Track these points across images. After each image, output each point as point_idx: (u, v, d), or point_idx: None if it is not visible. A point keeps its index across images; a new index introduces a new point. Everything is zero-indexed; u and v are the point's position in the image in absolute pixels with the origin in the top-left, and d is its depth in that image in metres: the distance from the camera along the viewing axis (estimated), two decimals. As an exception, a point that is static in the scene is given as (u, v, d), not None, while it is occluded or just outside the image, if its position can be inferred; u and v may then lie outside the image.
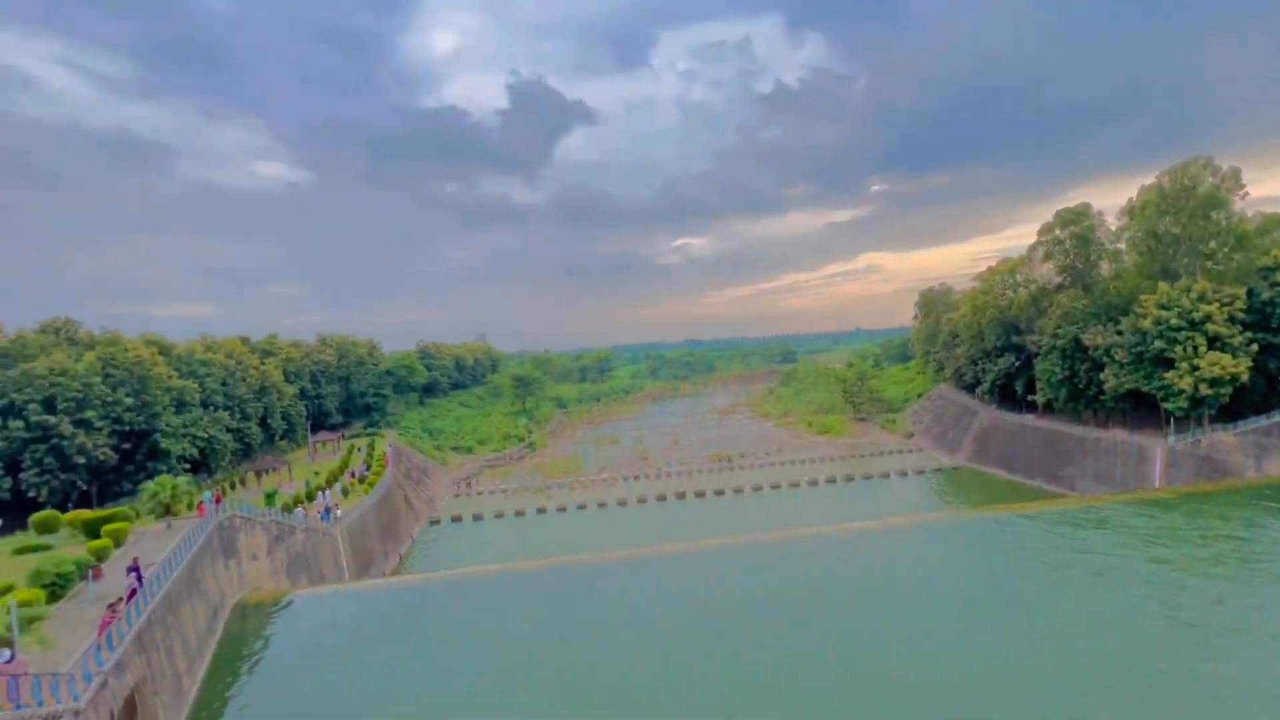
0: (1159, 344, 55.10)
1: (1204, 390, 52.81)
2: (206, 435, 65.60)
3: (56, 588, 25.08)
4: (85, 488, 55.24)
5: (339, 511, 49.93)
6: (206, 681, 26.96)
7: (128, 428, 57.55)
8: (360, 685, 25.70)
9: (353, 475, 64.99)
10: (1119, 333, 59.19)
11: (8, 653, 16.94)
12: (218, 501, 36.51)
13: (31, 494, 51.51)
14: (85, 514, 35.85)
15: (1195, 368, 53.13)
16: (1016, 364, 77.13)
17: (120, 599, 23.23)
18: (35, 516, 36.95)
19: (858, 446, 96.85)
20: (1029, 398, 75.85)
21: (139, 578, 24.94)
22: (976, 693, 22.79)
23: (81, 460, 53.52)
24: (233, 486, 59.56)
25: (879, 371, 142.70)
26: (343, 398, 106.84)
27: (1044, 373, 68.26)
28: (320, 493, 53.74)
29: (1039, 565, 34.56)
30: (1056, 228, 69.90)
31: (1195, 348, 53.50)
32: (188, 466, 61.92)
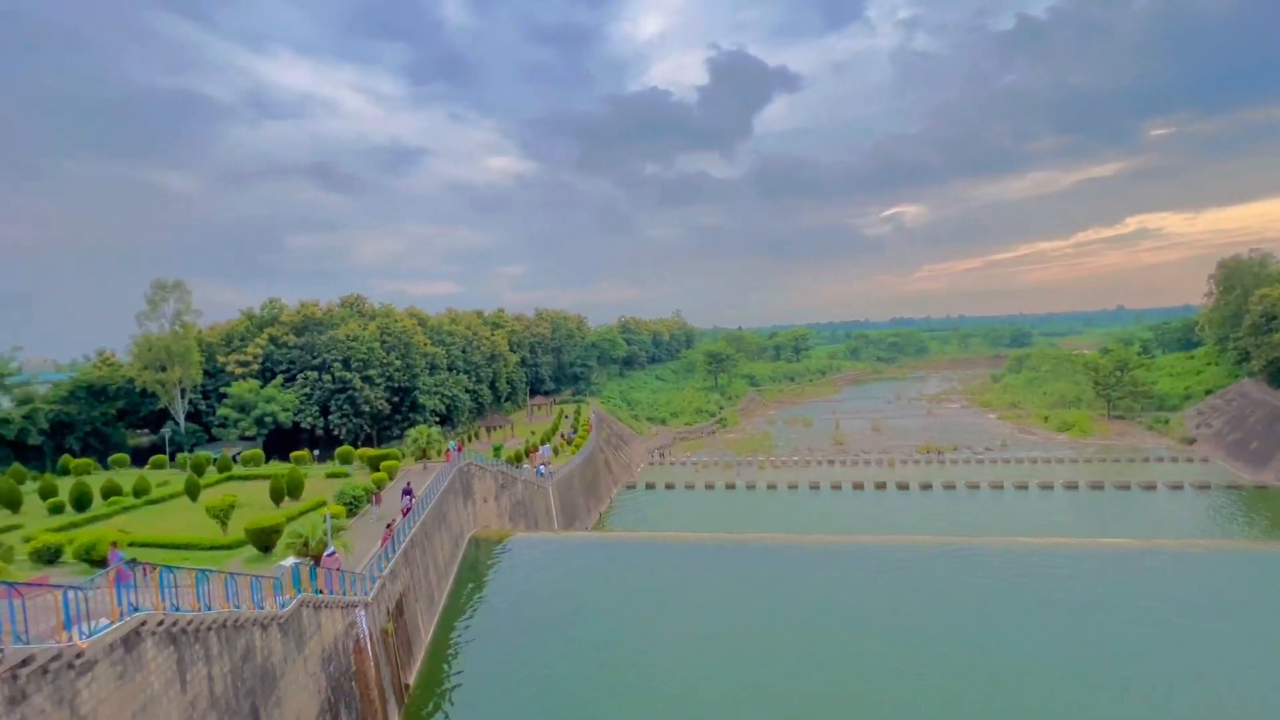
0: None
1: None
2: (451, 394, 78.27)
3: (352, 506, 32.29)
4: (369, 430, 69.66)
5: (551, 468, 56.12)
6: (450, 597, 32.74)
7: (396, 384, 71.01)
8: (561, 617, 29.14)
9: (562, 437, 72.36)
10: None
11: (331, 547, 22.49)
12: (459, 450, 43.46)
13: (335, 432, 66.46)
14: (369, 451, 45.34)
15: None
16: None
17: (395, 518, 29.13)
18: (339, 450, 47.79)
19: (1112, 449, 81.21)
20: (1392, 403, 56.28)
21: (410, 496, 31.33)
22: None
23: (367, 409, 67.50)
24: (469, 439, 70.30)
25: (1147, 360, 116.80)
26: (554, 367, 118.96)
27: None
28: (541, 447, 61.13)
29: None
30: None
31: None
32: (437, 419, 74.62)
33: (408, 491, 31.86)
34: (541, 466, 55.15)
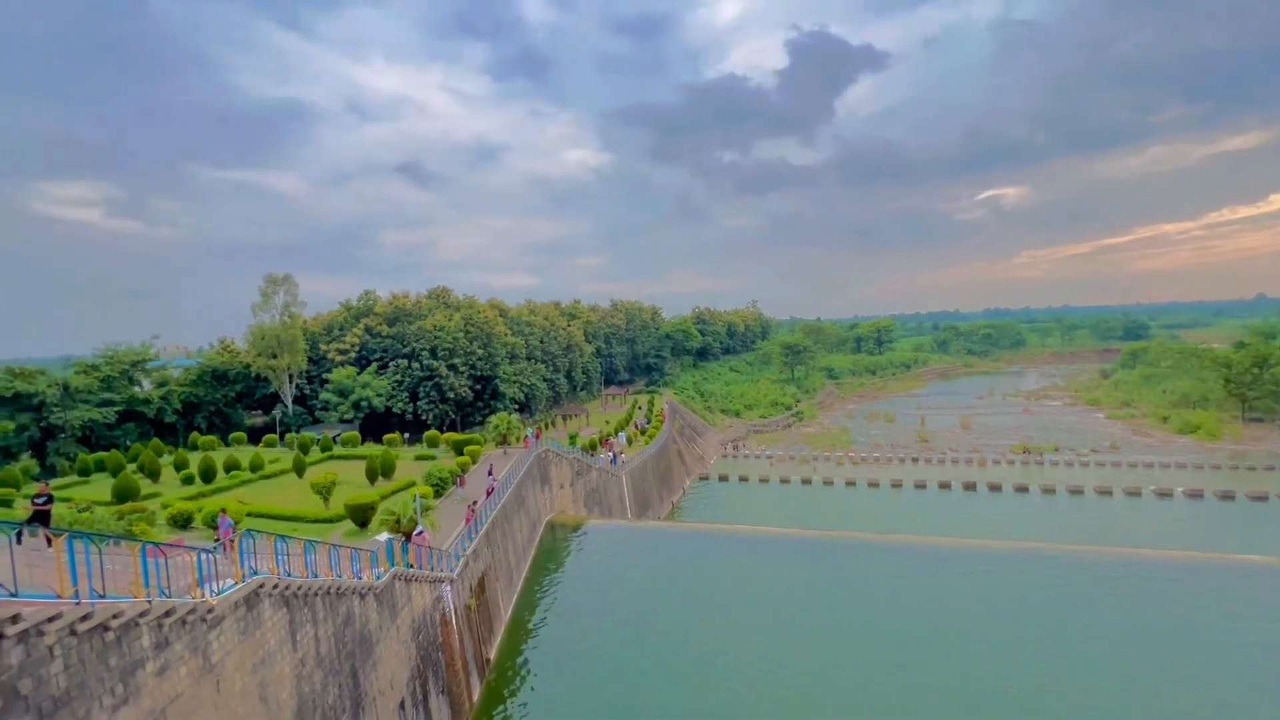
0: None
1: None
2: (529, 383, 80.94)
3: (439, 487, 34.19)
4: (453, 416, 73.25)
5: (624, 457, 56.96)
6: (528, 578, 34.07)
7: (478, 373, 74.19)
8: (635, 602, 29.66)
9: (636, 427, 73.22)
10: None
11: (420, 527, 24.03)
12: (537, 437, 44.99)
13: (423, 417, 70.37)
14: (454, 436, 47.77)
15: None
16: None
17: (478, 499, 30.65)
18: (427, 434, 50.65)
19: (1245, 455, 72.89)
20: None
21: (494, 477, 33.53)
22: None
23: (451, 395, 70.99)
24: (546, 427, 72.51)
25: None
26: (629, 357, 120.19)
27: None
28: (617, 435, 62.28)
29: None
30: None
31: None
32: (516, 407, 77.42)
33: (491, 473, 33.70)
34: (615, 455, 56.07)
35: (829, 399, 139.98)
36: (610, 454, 56.06)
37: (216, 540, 19.35)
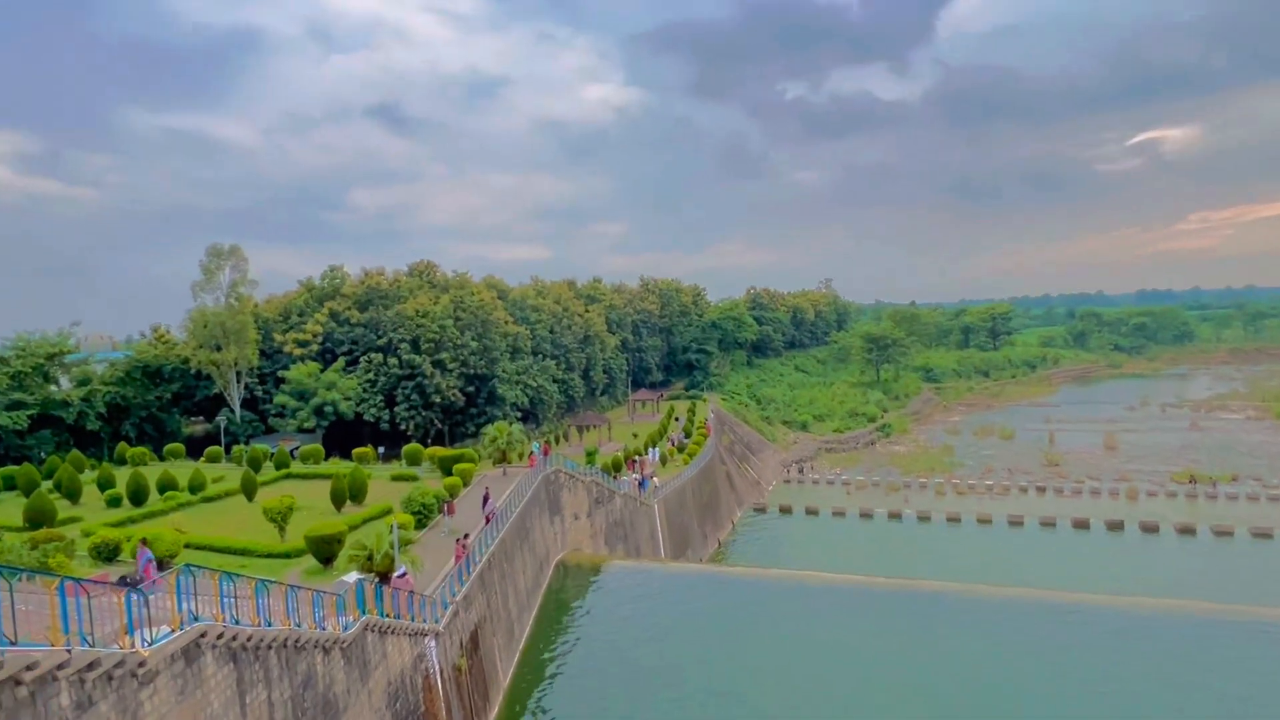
0: None
1: None
2: (536, 384, 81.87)
3: (422, 516, 34.82)
4: (440, 425, 74.53)
5: (657, 481, 57.14)
6: (532, 633, 34.51)
7: (472, 371, 75.30)
8: (667, 666, 29.84)
9: (672, 442, 73.34)
10: None
11: (403, 568, 24.57)
12: (546, 453, 45.46)
13: (402, 426, 71.76)
14: (441, 451, 48.59)
15: None
16: None
17: (470, 532, 31.19)
18: (406, 448, 51.67)
19: None
20: None
21: (490, 503, 34.17)
22: None
23: (438, 399, 72.25)
24: (557, 440, 73.22)
25: None
26: (663, 352, 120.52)
27: None
28: (648, 452, 62.69)
29: None
30: None
31: None
32: (519, 415, 78.37)
33: (489, 499, 34.30)
34: (645, 478, 56.26)
35: (926, 408, 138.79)
36: (638, 476, 56.28)
37: (137, 577, 20.06)
